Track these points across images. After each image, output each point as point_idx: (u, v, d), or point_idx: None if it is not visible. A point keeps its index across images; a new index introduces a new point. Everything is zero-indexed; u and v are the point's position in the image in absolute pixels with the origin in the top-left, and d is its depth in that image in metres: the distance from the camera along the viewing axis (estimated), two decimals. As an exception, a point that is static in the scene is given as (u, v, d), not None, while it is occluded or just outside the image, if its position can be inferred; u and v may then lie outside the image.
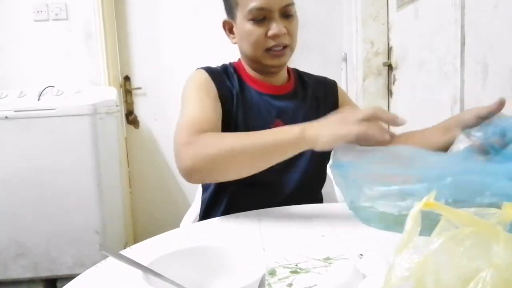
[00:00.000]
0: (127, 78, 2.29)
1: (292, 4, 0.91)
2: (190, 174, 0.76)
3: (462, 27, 1.22)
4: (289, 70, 1.06)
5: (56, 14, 2.10)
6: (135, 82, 2.30)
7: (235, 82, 0.97)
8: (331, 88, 1.09)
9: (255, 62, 0.96)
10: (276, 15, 0.88)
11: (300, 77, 1.07)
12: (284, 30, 0.89)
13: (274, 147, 0.72)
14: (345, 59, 2.19)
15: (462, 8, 1.21)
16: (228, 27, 0.98)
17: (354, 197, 0.61)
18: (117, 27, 2.25)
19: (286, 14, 0.90)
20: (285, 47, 0.92)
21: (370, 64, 2.02)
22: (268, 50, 0.91)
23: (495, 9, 1.07)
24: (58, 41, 2.13)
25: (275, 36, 0.89)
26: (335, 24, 2.25)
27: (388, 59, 2.00)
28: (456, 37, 1.24)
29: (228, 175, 0.77)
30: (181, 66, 2.26)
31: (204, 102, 0.89)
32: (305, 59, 2.16)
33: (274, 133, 0.74)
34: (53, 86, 1.92)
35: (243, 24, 0.91)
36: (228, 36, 0.99)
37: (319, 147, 0.68)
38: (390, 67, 1.99)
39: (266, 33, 0.89)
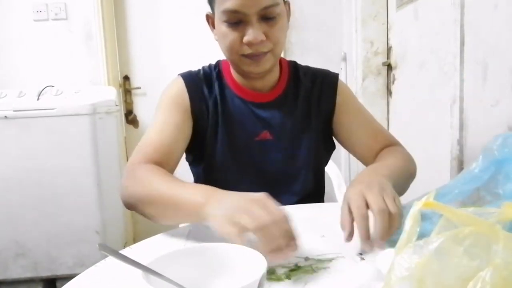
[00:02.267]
0: (126, 78, 2.29)
1: (274, 5, 0.78)
2: (124, 205, 0.76)
3: (462, 26, 1.22)
4: (282, 66, 0.94)
5: (56, 14, 2.10)
6: (135, 81, 2.30)
7: (215, 90, 0.89)
8: (329, 86, 0.95)
9: (233, 66, 0.88)
10: (253, 18, 0.77)
11: (295, 73, 0.95)
12: (261, 37, 0.78)
13: (178, 210, 0.66)
14: (344, 59, 2.19)
15: (462, 7, 1.21)
16: (212, 22, 0.87)
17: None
18: (117, 27, 2.25)
19: (267, 16, 0.78)
20: (266, 52, 0.81)
21: (370, 63, 2.02)
22: (245, 55, 0.81)
23: (495, 8, 1.07)
24: (58, 41, 2.13)
25: (250, 44, 0.78)
26: (335, 24, 2.25)
27: (387, 58, 2.00)
28: (455, 36, 1.24)
29: (146, 216, 0.73)
30: (181, 66, 2.24)
31: (169, 121, 0.84)
32: (305, 59, 2.15)
33: (185, 194, 0.66)
34: (52, 86, 1.92)
35: (219, 24, 0.81)
36: (212, 31, 0.88)
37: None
38: (389, 67, 1.98)
39: (241, 38, 0.79)
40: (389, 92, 2.02)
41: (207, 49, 2.23)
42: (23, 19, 2.11)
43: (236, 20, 0.78)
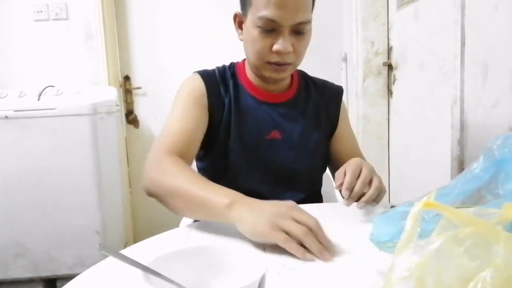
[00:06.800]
0: (127, 78, 2.29)
1: (306, 22, 0.84)
2: (146, 192, 0.81)
3: (462, 27, 1.22)
4: (293, 73, 1.01)
5: (56, 14, 2.10)
6: (135, 81, 2.30)
7: (230, 89, 0.93)
8: (336, 98, 1.04)
9: (255, 69, 0.93)
10: (286, 30, 0.82)
11: (305, 82, 1.02)
12: (289, 49, 0.83)
13: (202, 207, 0.71)
14: (345, 59, 2.19)
15: (462, 8, 1.21)
16: (238, 21, 0.92)
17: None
18: (117, 27, 2.25)
19: (298, 31, 0.84)
20: (289, 63, 0.87)
21: (370, 64, 2.02)
22: (270, 62, 0.86)
23: (496, 9, 1.07)
24: (58, 41, 2.13)
25: (279, 53, 0.84)
26: (335, 24, 2.25)
27: (388, 59, 2.00)
28: (456, 37, 1.24)
29: (170, 209, 0.78)
30: (181, 66, 2.26)
31: (189, 114, 0.88)
32: (306, 59, 2.15)
33: (210, 193, 0.70)
34: (53, 86, 1.92)
35: (250, 28, 0.86)
36: (237, 30, 0.93)
37: (239, 229, 0.65)
38: (390, 67, 1.98)
39: (271, 46, 0.84)
40: (389, 92, 2.02)
41: (208, 49, 2.24)
42: (23, 19, 2.11)
43: (270, 28, 0.83)
